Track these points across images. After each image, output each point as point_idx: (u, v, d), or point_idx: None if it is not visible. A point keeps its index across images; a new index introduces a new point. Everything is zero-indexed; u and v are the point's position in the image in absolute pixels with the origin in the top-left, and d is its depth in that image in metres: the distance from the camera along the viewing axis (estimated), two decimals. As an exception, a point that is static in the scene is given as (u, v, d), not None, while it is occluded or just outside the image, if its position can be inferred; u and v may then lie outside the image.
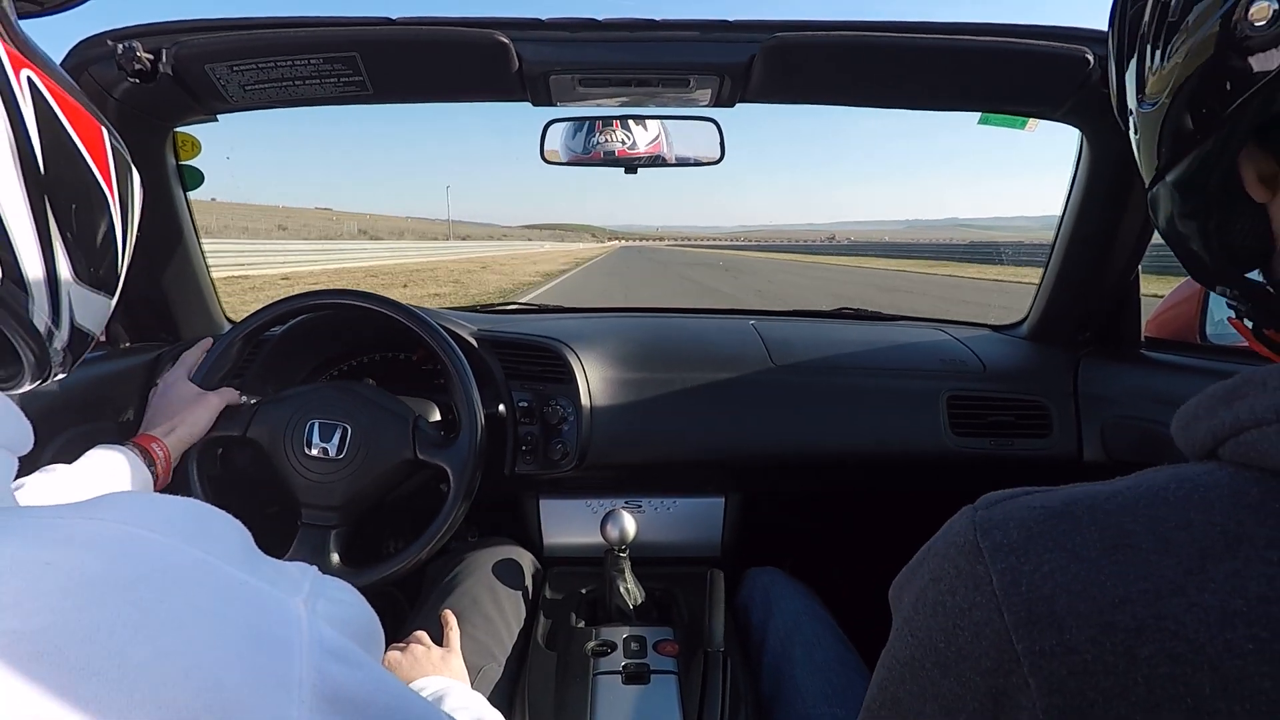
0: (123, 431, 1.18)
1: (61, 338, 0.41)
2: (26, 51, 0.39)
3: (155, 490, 0.92)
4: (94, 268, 0.42)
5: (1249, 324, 0.46)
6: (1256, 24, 0.35)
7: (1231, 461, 0.31)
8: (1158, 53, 0.43)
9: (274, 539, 0.98)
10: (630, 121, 1.25)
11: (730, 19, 1.07)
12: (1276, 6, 0.35)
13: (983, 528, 0.34)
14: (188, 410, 1.00)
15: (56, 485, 0.81)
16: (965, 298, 16.13)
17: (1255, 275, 0.44)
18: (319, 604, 0.33)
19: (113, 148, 0.44)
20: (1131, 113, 0.48)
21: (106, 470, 0.86)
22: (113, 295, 0.45)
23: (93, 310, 0.42)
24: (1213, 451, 0.32)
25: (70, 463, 0.85)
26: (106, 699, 0.25)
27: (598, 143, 1.25)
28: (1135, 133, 0.48)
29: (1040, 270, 1.42)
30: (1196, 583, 0.28)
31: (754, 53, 1.04)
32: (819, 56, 1.06)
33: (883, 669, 0.39)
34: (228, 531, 0.35)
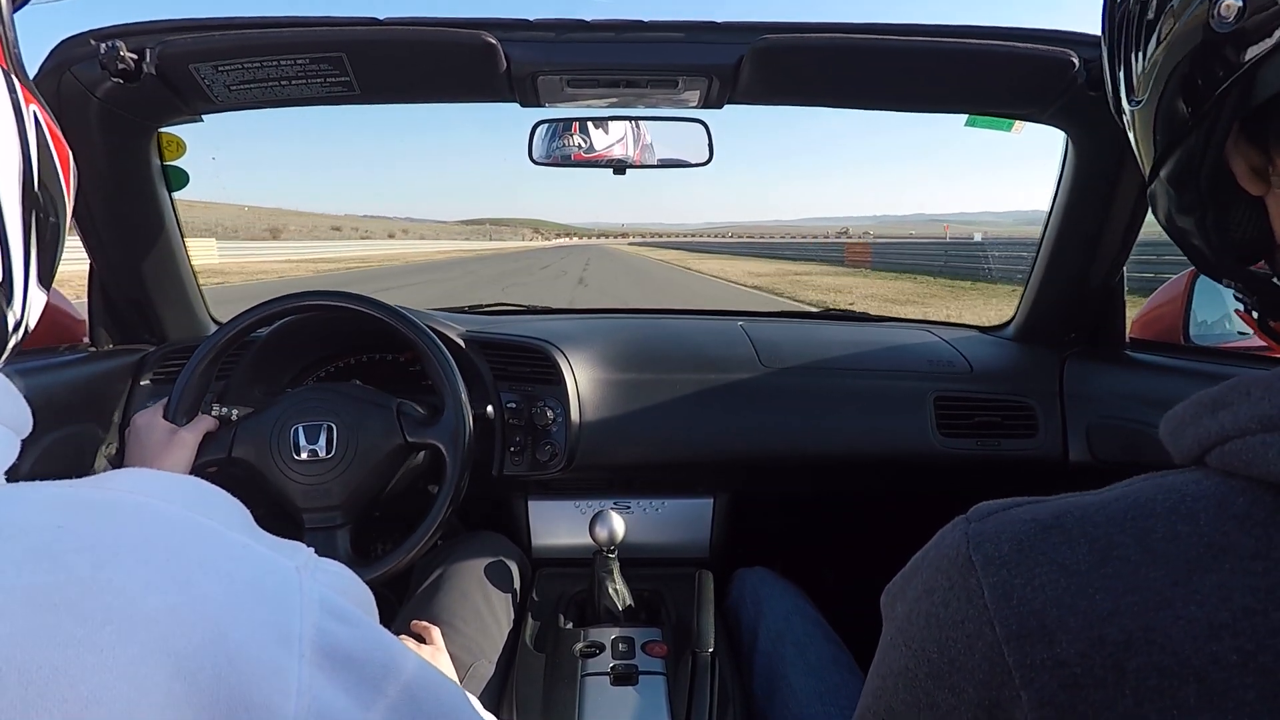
0: (107, 434, 1.17)
1: (18, 337, 0.44)
2: (31, 88, 0.44)
3: None
4: (49, 273, 0.47)
5: (1255, 316, 0.46)
6: (1225, 19, 0.36)
7: (1218, 469, 0.31)
8: (1142, 51, 0.43)
9: None
10: (590, 125, 1.24)
11: (719, 20, 1.07)
12: (1241, 3, 0.35)
13: (975, 540, 0.35)
14: (165, 454, 0.98)
15: None
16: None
17: (1262, 268, 0.43)
18: (316, 572, 0.35)
19: (73, 168, 0.49)
20: (1124, 112, 0.48)
21: None
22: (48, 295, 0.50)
23: (39, 310, 0.47)
24: (1200, 458, 0.32)
25: (55, 468, 0.84)
26: (119, 646, 0.27)
27: (557, 147, 1.25)
28: (1131, 130, 0.48)
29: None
30: (1183, 595, 0.28)
31: (742, 54, 1.04)
32: (807, 58, 1.06)
33: (876, 678, 0.40)
34: (229, 506, 0.39)
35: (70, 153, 0.48)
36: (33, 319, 0.45)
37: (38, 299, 0.45)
